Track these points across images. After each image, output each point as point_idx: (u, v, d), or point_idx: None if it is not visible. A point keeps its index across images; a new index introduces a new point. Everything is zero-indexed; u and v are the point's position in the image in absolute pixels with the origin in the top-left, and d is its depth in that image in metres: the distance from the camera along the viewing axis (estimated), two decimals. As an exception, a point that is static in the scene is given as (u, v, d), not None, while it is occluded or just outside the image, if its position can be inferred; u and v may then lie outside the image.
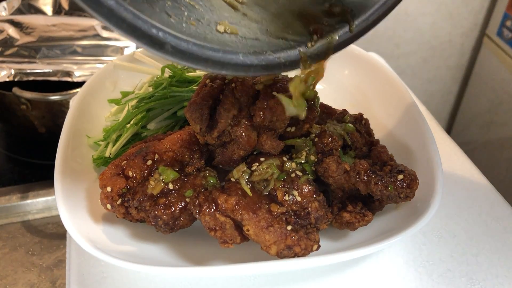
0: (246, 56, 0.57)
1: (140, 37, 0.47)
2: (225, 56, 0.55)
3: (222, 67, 0.55)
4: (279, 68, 0.61)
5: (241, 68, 0.57)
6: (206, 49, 0.54)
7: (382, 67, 1.02)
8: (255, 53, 0.58)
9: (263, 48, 0.59)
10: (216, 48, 0.55)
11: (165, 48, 0.50)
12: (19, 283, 1.04)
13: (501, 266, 0.78)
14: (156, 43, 0.49)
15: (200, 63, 0.54)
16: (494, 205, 0.88)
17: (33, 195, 1.24)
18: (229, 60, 0.56)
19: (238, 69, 0.57)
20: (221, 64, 0.55)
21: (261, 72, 0.59)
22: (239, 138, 0.72)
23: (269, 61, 0.60)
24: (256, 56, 0.58)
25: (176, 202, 0.70)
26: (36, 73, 1.28)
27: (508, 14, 1.93)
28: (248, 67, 0.58)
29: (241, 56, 0.57)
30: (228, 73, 0.57)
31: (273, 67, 0.60)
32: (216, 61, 0.55)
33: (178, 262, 0.72)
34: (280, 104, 0.73)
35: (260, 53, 0.59)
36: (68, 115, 0.87)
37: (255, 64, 0.58)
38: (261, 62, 0.59)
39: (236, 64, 0.56)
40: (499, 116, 2.04)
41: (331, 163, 0.72)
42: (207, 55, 0.54)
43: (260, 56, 0.59)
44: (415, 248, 0.80)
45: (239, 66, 0.57)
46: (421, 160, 0.80)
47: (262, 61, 0.59)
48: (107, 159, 0.86)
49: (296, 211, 0.68)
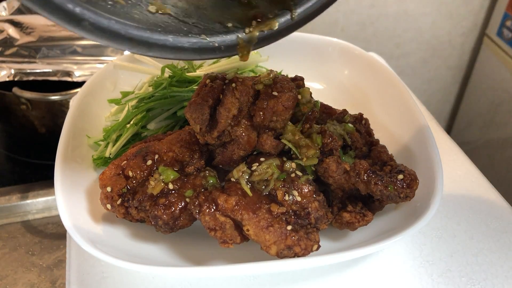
0: (176, 37, 0.54)
1: (53, 11, 0.43)
2: (152, 36, 0.52)
3: (149, 48, 0.52)
4: (213, 52, 0.58)
5: (170, 50, 0.54)
6: (131, 27, 0.50)
7: (382, 67, 1.02)
8: (187, 36, 0.56)
9: (197, 31, 0.57)
10: (142, 27, 0.51)
11: (82, 25, 0.46)
12: (19, 283, 1.04)
13: (501, 266, 0.78)
14: (72, 19, 0.45)
15: (123, 42, 0.50)
16: (494, 205, 0.88)
17: (33, 195, 1.24)
18: (156, 40, 0.53)
19: (167, 51, 0.54)
20: (147, 45, 0.52)
21: (193, 56, 0.57)
22: (239, 138, 0.72)
23: (203, 45, 0.57)
24: (188, 38, 0.56)
25: (176, 202, 0.70)
26: (36, 73, 1.28)
27: (508, 14, 1.93)
28: (178, 49, 0.55)
29: (170, 37, 0.54)
30: (156, 55, 0.54)
31: (207, 51, 0.58)
32: (142, 41, 0.51)
33: (178, 262, 0.72)
34: (280, 104, 0.73)
35: (193, 35, 0.56)
36: (68, 115, 0.87)
37: (186, 47, 0.56)
38: (193, 46, 0.56)
39: (164, 46, 0.53)
40: (499, 116, 2.04)
41: (331, 163, 0.72)
42: (131, 34, 0.50)
43: (192, 39, 0.56)
44: (415, 248, 0.80)
45: (168, 48, 0.54)
46: (421, 160, 0.80)
47: (195, 45, 0.56)
48: (107, 159, 0.86)
49: (296, 211, 0.68)
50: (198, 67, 1.03)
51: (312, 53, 1.11)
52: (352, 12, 1.96)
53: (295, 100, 0.75)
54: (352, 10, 1.96)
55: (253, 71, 1.06)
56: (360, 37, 2.02)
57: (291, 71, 1.02)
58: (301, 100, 0.76)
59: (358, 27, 2.00)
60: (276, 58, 1.09)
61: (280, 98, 0.73)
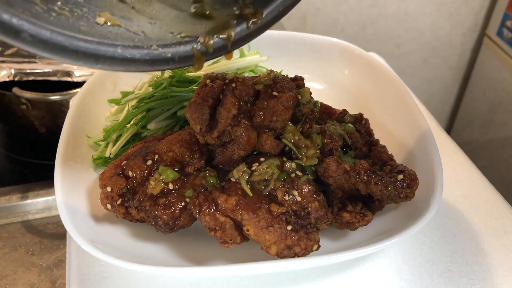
0: (125, 49, 0.53)
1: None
2: (99, 48, 0.50)
3: (97, 61, 0.50)
4: (166, 63, 0.57)
5: (120, 62, 0.53)
6: (75, 39, 0.48)
7: (382, 67, 1.02)
8: (137, 47, 0.54)
9: (149, 42, 0.55)
10: (88, 39, 0.50)
11: (21, 37, 0.44)
12: (19, 283, 1.04)
13: (501, 266, 0.78)
14: (10, 31, 0.43)
15: (68, 55, 0.48)
16: (494, 205, 0.88)
17: (33, 195, 1.23)
18: (103, 52, 0.51)
19: (116, 63, 0.52)
20: (94, 57, 0.50)
21: (144, 68, 0.55)
22: (239, 138, 0.72)
23: (154, 56, 0.56)
24: (138, 50, 0.54)
25: (176, 202, 0.70)
26: (36, 73, 1.28)
27: (508, 14, 1.93)
28: (128, 61, 0.53)
29: (119, 49, 0.52)
30: (104, 68, 0.52)
31: (160, 62, 0.56)
32: (88, 53, 0.50)
33: (178, 262, 0.72)
34: (280, 104, 0.73)
35: (144, 47, 0.55)
36: (68, 115, 0.87)
37: (137, 59, 0.54)
38: (144, 57, 0.55)
39: (113, 58, 0.52)
40: (499, 116, 2.04)
41: (331, 163, 0.72)
42: (76, 46, 0.48)
43: (143, 50, 0.55)
44: (415, 248, 0.80)
45: (117, 60, 0.52)
46: (421, 160, 0.80)
47: (146, 56, 0.55)
48: (107, 159, 0.86)
49: (296, 211, 0.68)
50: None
51: (312, 53, 1.11)
52: (352, 12, 1.96)
53: (295, 100, 0.75)
54: (352, 10, 1.96)
55: (253, 71, 1.06)
56: (360, 37, 2.02)
57: (291, 71, 1.02)
58: (301, 100, 0.76)
59: (358, 27, 2.00)
60: (276, 58, 1.09)
61: (280, 98, 0.73)
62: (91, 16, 0.52)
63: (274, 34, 1.12)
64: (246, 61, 1.04)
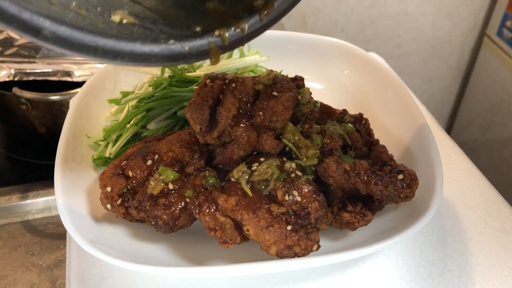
0: (144, 44, 0.53)
1: (8, 20, 0.42)
2: (119, 44, 0.51)
3: (116, 56, 0.51)
4: (185, 58, 0.57)
5: (140, 57, 0.53)
6: (94, 35, 0.49)
7: (382, 67, 1.02)
8: (155, 42, 0.54)
9: (166, 37, 0.56)
10: (107, 34, 0.50)
11: (43, 34, 0.44)
12: (19, 283, 1.04)
13: (501, 266, 0.78)
14: (31, 29, 0.44)
15: (89, 51, 0.48)
16: (494, 205, 0.88)
17: (33, 195, 1.24)
18: (123, 47, 0.51)
19: (136, 58, 0.52)
20: (114, 53, 0.51)
21: (164, 62, 0.56)
22: (239, 138, 0.72)
23: (173, 51, 0.56)
24: (156, 44, 0.54)
25: (176, 202, 0.70)
26: (36, 73, 1.28)
27: (508, 14, 1.93)
28: (148, 56, 0.53)
29: (138, 44, 0.52)
30: (124, 63, 0.52)
31: (178, 57, 0.57)
32: (108, 49, 0.50)
33: (178, 262, 0.72)
34: (280, 104, 0.73)
35: (162, 41, 0.55)
36: (68, 115, 0.87)
37: (155, 53, 0.54)
38: (163, 51, 0.55)
39: (132, 53, 0.52)
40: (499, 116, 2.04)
41: (331, 163, 0.72)
42: (95, 42, 0.49)
43: (161, 45, 0.55)
44: (415, 248, 0.80)
45: (137, 55, 0.52)
46: (421, 160, 0.80)
47: (165, 50, 0.55)
48: (107, 159, 0.86)
49: (296, 211, 0.68)
50: (198, 67, 1.03)
51: (312, 53, 1.11)
52: (352, 12, 1.96)
53: (295, 100, 0.75)
54: (352, 10, 1.96)
55: (253, 71, 1.06)
56: (360, 37, 2.02)
57: (291, 71, 1.02)
58: (301, 100, 0.76)
59: (358, 27, 2.00)
60: (276, 58, 1.09)
61: (280, 98, 0.73)
62: (107, 15, 0.52)
63: (274, 34, 1.12)
64: (246, 61, 1.04)
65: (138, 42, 0.53)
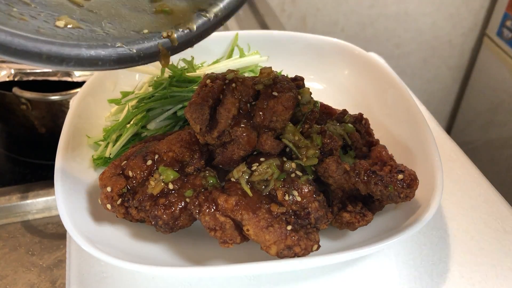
0: (90, 48, 0.53)
1: None
2: (63, 49, 0.50)
3: (62, 62, 0.50)
4: (133, 61, 0.57)
5: (86, 61, 0.53)
6: (37, 41, 0.48)
7: (382, 67, 1.02)
8: (102, 46, 0.54)
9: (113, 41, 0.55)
10: (50, 40, 0.49)
11: None
12: (19, 283, 1.04)
13: (501, 266, 0.78)
14: None
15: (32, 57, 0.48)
16: (494, 205, 0.88)
17: (33, 195, 1.23)
18: (68, 52, 0.51)
19: (83, 63, 0.52)
20: (59, 58, 0.50)
21: (112, 66, 0.56)
22: (239, 138, 0.72)
23: (120, 54, 0.56)
24: (103, 48, 0.54)
25: (176, 202, 0.70)
26: (36, 73, 1.28)
27: (508, 14, 1.93)
28: (94, 60, 0.53)
29: (84, 49, 0.52)
30: (70, 68, 0.52)
31: (126, 60, 0.56)
32: (52, 54, 0.49)
33: (178, 262, 0.72)
34: (280, 104, 0.73)
35: (109, 45, 0.55)
36: (68, 115, 0.87)
37: (102, 57, 0.54)
38: (110, 54, 0.54)
39: (78, 57, 0.52)
40: (499, 116, 2.04)
41: (331, 163, 0.72)
42: (38, 48, 0.48)
43: (108, 49, 0.54)
44: (415, 248, 0.80)
45: (83, 60, 0.52)
46: (421, 160, 0.80)
47: (112, 53, 0.55)
48: (107, 159, 0.86)
49: (296, 211, 0.68)
50: (198, 67, 1.03)
51: (312, 53, 1.11)
52: (352, 12, 1.96)
53: (295, 100, 0.75)
54: (352, 10, 1.96)
55: (253, 71, 1.06)
56: (360, 37, 2.02)
57: (291, 71, 1.02)
58: (301, 100, 0.76)
59: (358, 27, 2.00)
60: (276, 58, 1.09)
61: (280, 98, 0.73)
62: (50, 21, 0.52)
63: (274, 34, 1.12)
64: (246, 61, 1.04)
65: (83, 46, 0.52)
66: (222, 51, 1.11)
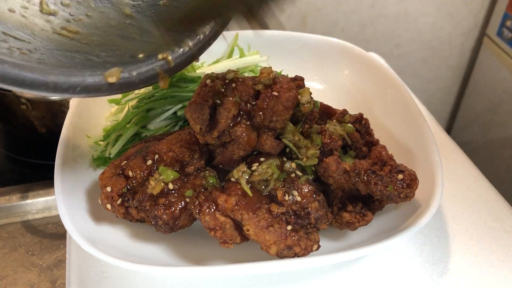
0: (94, 75, 0.55)
1: None
2: (70, 79, 0.53)
3: (68, 89, 0.53)
4: (134, 85, 0.60)
5: (92, 88, 0.55)
6: (41, 72, 0.51)
7: (382, 67, 1.02)
8: (99, 74, 0.56)
9: (112, 67, 0.57)
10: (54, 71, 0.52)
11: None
12: (19, 283, 1.04)
13: (501, 266, 0.78)
14: None
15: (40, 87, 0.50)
16: (494, 205, 0.88)
17: (33, 195, 1.23)
18: (74, 80, 0.53)
19: (88, 89, 0.55)
20: (66, 86, 0.52)
21: (115, 91, 0.58)
22: (239, 138, 0.72)
23: (122, 79, 0.58)
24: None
25: (176, 202, 0.70)
26: (36, 73, 1.28)
27: (508, 14, 1.93)
28: (98, 86, 0.56)
29: (88, 75, 0.55)
30: (75, 95, 0.55)
31: (128, 85, 0.59)
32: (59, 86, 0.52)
33: (178, 262, 0.72)
34: (280, 104, 0.73)
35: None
36: (68, 115, 0.87)
37: (105, 83, 0.56)
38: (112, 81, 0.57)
39: (83, 84, 0.54)
40: (499, 116, 2.04)
41: (331, 163, 0.72)
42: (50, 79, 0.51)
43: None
44: (415, 248, 0.80)
45: (88, 86, 0.55)
46: (421, 160, 0.80)
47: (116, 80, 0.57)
48: (107, 159, 0.86)
49: (296, 211, 0.68)
50: (198, 67, 1.03)
51: (312, 53, 1.11)
52: (352, 12, 1.96)
53: (295, 100, 0.75)
54: (352, 10, 1.96)
55: (253, 71, 1.06)
56: (360, 37, 2.02)
57: (291, 71, 1.02)
58: (301, 100, 0.76)
59: (358, 27, 2.00)
60: (276, 58, 1.09)
61: (280, 98, 0.73)
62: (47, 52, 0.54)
63: (274, 34, 1.12)
64: (246, 61, 1.04)
65: (87, 74, 0.54)
66: (222, 51, 1.11)
